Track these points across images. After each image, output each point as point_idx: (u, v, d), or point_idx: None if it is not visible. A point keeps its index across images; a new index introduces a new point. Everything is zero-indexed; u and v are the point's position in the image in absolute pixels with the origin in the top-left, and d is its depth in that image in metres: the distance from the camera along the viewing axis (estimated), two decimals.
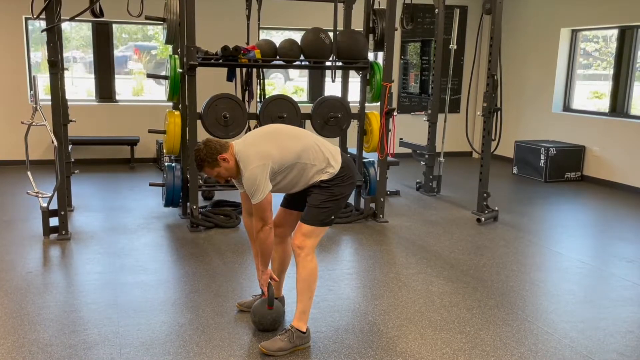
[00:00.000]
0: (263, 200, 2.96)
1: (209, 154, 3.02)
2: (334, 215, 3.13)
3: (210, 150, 3.02)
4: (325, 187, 3.08)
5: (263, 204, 2.96)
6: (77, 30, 9.12)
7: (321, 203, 3.07)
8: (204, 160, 3.03)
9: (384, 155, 5.57)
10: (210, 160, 3.02)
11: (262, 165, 2.94)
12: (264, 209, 2.98)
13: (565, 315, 3.64)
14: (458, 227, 5.58)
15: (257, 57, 5.34)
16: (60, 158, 4.83)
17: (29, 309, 3.52)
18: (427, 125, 6.95)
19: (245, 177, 2.96)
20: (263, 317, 3.28)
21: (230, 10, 7.20)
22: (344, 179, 3.11)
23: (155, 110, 7.86)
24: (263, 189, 2.93)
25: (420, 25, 9.17)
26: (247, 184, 2.96)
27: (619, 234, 5.56)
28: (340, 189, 3.10)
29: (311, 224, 3.06)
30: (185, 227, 5.35)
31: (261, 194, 2.93)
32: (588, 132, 7.94)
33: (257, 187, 2.93)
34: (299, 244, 3.05)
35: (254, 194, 2.94)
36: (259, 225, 3.03)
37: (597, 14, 7.73)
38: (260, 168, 2.94)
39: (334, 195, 3.08)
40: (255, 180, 2.93)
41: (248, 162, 2.97)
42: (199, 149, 3.05)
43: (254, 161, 2.95)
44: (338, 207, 3.14)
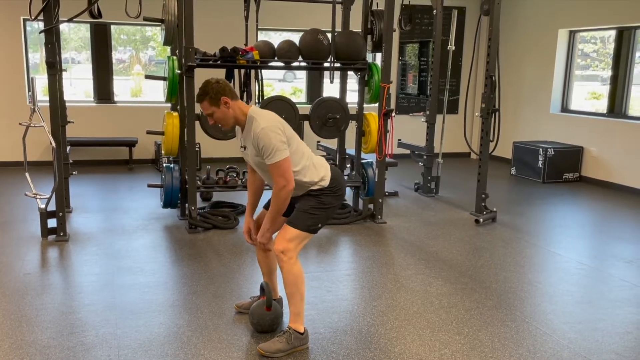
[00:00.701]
0: (283, 161, 2.89)
1: (217, 90, 2.98)
2: (320, 224, 3.11)
3: (220, 88, 2.99)
4: (314, 195, 3.08)
5: (283, 164, 2.90)
6: (75, 32, 9.11)
7: (310, 208, 3.06)
8: (208, 93, 2.99)
9: (383, 156, 5.57)
10: (213, 96, 2.98)
11: (278, 127, 2.91)
12: (285, 169, 2.91)
13: (563, 316, 3.64)
14: (456, 228, 5.58)
15: (255, 58, 5.34)
16: (58, 159, 4.83)
17: (27, 311, 3.51)
18: (425, 126, 6.96)
19: (263, 132, 2.87)
20: (261, 318, 3.28)
21: (228, 11, 7.20)
22: (333, 190, 3.11)
23: (154, 112, 7.86)
24: (283, 149, 2.88)
25: (418, 26, 9.18)
26: (266, 141, 2.86)
27: (617, 234, 5.56)
28: (330, 199, 3.10)
29: (298, 228, 3.03)
30: (183, 228, 5.34)
31: (283, 152, 2.88)
32: (586, 133, 7.96)
33: (277, 146, 2.86)
34: (282, 248, 3.01)
35: (273, 153, 2.87)
36: (281, 183, 2.93)
37: (594, 15, 7.74)
38: (277, 129, 2.90)
39: (323, 204, 3.08)
40: (274, 138, 2.86)
41: (265, 119, 2.93)
42: (210, 82, 3.01)
43: (273, 121, 2.93)
44: (326, 216, 3.13)
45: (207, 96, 2.99)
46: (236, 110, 3.01)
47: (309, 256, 4.64)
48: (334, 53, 5.55)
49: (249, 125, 2.98)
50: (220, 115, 3.01)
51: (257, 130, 2.90)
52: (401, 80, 9.50)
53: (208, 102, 3.00)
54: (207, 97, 2.99)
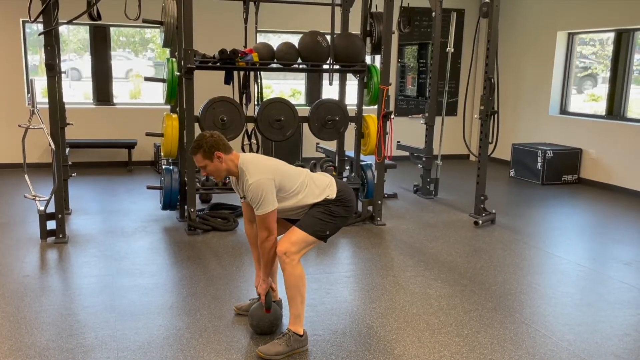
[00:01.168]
0: (268, 214, 3.00)
1: (211, 145, 3.06)
2: (329, 231, 3.14)
3: (214, 142, 3.06)
4: (322, 204, 3.13)
5: (269, 215, 3.01)
6: (74, 33, 9.12)
7: (319, 214, 3.11)
8: (202, 147, 3.07)
9: (382, 158, 5.58)
10: (207, 151, 3.06)
11: (269, 179, 2.99)
12: (270, 220, 3.03)
13: (562, 318, 3.64)
14: (455, 230, 5.59)
15: (254, 60, 5.34)
16: (57, 161, 4.83)
17: (26, 313, 3.51)
18: (424, 128, 6.96)
19: (252, 187, 2.98)
20: (261, 320, 3.29)
21: (227, 13, 7.21)
22: (341, 201, 3.15)
23: (153, 113, 7.86)
24: (270, 202, 2.99)
25: (417, 28, 9.19)
26: (254, 194, 2.98)
27: (616, 236, 5.57)
28: (338, 209, 3.14)
29: (305, 230, 3.07)
30: (182, 230, 5.34)
31: (268, 206, 2.98)
32: (585, 135, 7.97)
33: (264, 199, 2.97)
34: (285, 250, 3.04)
35: (260, 205, 2.98)
36: (264, 235, 3.06)
37: (593, 18, 7.76)
38: (267, 181, 2.99)
39: (331, 212, 3.12)
40: (262, 191, 2.96)
41: (255, 171, 3.01)
42: (205, 136, 3.09)
43: (262, 173, 3.00)
44: (334, 226, 3.16)
45: (200, 149, 3.08)
46: (229, 163, 3.09)
47: (308, 258, 4.64)
48: (333, 55, 5.56)
49: (242, 176, 3.08)
50: (212, 169, 3.11)
51: (247, 184, 3.01)
52: (400, 82, 9.51)
53: (201, 156, 3.09)
54: (201, 150, 3.08)
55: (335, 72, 5.74)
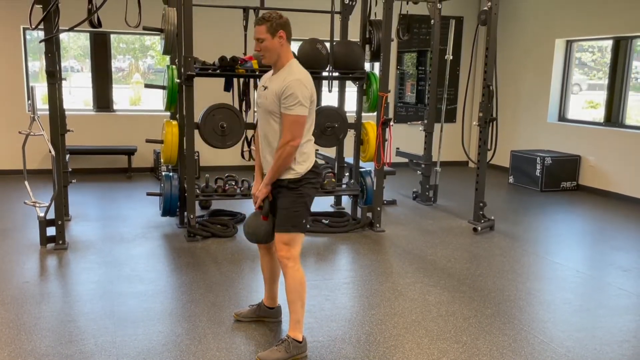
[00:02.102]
0: (299, 117, 2.92)
1: (280, 23, 2.98)
2: (304, 219, 3.11)
3: (283, 22, 3.00)
4: (293, 187, 3.07)
5: (299, 119, 2.93)
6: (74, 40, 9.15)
7: (291, 205, 3.07)
8: (271, 20, 2.97)
9: (381, 165, 5.59)
10: (275, 25, 2.97)
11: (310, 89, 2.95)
12: (298, 124, 2.94)
13: (561, 325, 3.65)
14: (454, 237, 5.60)
15: (254, 67, 5.37)
16: (57, 168, 4.84)
17: (26, 319, 3.51)
18: (423, 135, 6.99)
19: (295, 82, 2.90)
20: (257, 227, 3.20)
21: (227, 21, 7.24)
22: (310, 180, 3.10)
23: (153, 120, 7.88)
24: (304, 106, 2.92)
25: (416, 35, 9.23)
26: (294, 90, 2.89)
27: (614, 243, 5.58)
28: (307, 190, 3.10)
29: (288, 231, 3.06)
30: (182, 236, 5.35)
31: (303, 109, 2.92)
32: (583, 142, 7.99)
33: (302, 100, 2.90)
34: (284, 254, 3.05)
35: (296, 105, 2.90)
36: (287, 138, 2.95)
37: (591, 25, 7.79)
38: (308, 90, 2.94)
39: (301, 196, 3.07)
40: (302, 92, 2.90)
41: (303, 74, 2.96)
42: (278, 13, 3.01)
43: (308, 81, 2.96)
44: (307, 209, 3.12)
45: (268, 22, 2.98)
46: (285, 50, 3.01)
47: (308, 264, 4.65)
48: (332, 62, 5.58)
49: (285, 71, 3.00)
50: (269, 45, 3.00)
51: (292, 78, 2.93)
52: (399, 89, 9.54)
53: (266, 28, 2.98)
54: (268, 23, 2.98)
55: (334, 79, 5.77)
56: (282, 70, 3.02)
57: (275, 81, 3.01)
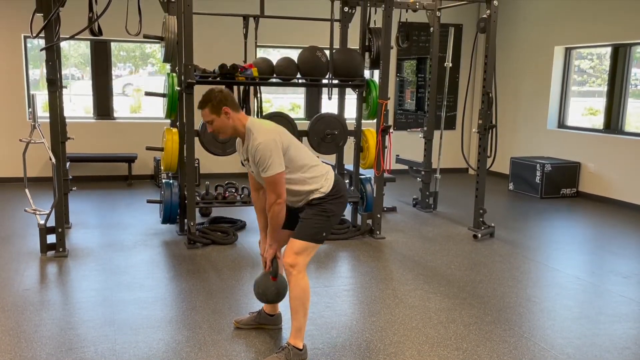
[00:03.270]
0: (277, 175, 2.95)
1: (220, 99, 3.03)
2: (325, 232, 3.13)
3: (223, 97, 3.03)
4: (316, 204, 3.11)
5: (277, 178, 2.96)
6: (75, 48, 9.18)
7: (313, 217, 3.10)
8: (211, 100, 3.03)
9: (381, 172, 5.60)
10: (216, 104, 3.02)
11: (276, 141, 2.95)
12: (277, 183, 2.97)
13: (561, 332, 3.65)
14: (454, 243, 5.60)
15: (254, 75, 5.39)
16: (58, 175, 4.84)
17: (26, 327, 3.51)
18: (423, 142, 7.00)
19: (260, 147, 2.93)
20: (267, 288, 3.26)
21: (227, 28, 7.27)
22: (335, 197, 3.13)
23: (153, 128, 7.89)
24: (278, 163, 2.94)
25: (415, 43, 9.26)
26: (262, 154, 2.92)
27: (614, 249, 5.58)
28: (332, 207, 3.13)
29: (303, 239, 3.07)
30: (182, 243, 5.35)
31: (276, 167, 2.94)
32: (583, 149, 8.00)
33: (272, 160, 2.92)
34: (291, 262, 3.05)
35: (268, 167, 2.93)
36: (272, 199, 3.00)
37: (590, 32, 7.82)
38: (275, 143, 2.95)
39: (325, 212, 3.11)
40: (270, 151, 2.92)
41: (263, 132, 2.97)
42: (214, 90, 3.06)
43: (270, 134, 2.97)
44: (329, 225, 3.15)
45: (209, 104, 3.04)
46: (236, 122, 3.05)
47: (308, 271, 4.61)
48: (332, 70, 5.60)
49: (248, 137, 3.03)
50: (219, 124, 3.06)
51: (255, 144, 2.96)
52: (399, 97, 9.56)
53: (209, 110, 3.04)
54: (209, 104, 3.04)
55: (334, 87, 5.78)
56: (246, 137, 3.07)
57: (248, 150, 3.06)
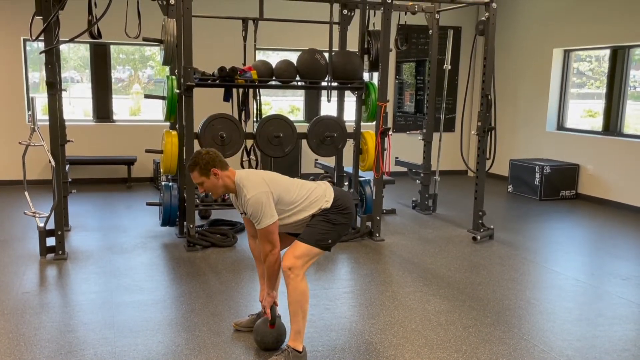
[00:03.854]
0: (270, 226, 3.02)
1: (207, 161, 3.10)
2: (331, 240, 3.14)
3: (210, 159, 3.10)
4: (321, 214, 3.15)
5: (270, 229, 3.03)
6: (74, 51, 9.18)
7: (319, 223, 3.13)
8: (198, 164, 3.11)
9: (380, 174, 5.61)
10: (203, 167, 3.10)
11: (266, 193, 3.02)
12: (270, 233, 3.05)
13: (561, 334, 3.65)
14: (454, 246, 5.60)
15: (253, 77, 5.39)
16: (57, 178, 4.85)
17: (25, 330, 3.51)
18: (422, 144, 7.01)
19: (250, 202, 3.01)
20: (265, 335, 3.29)
21: (227, 31, 7.28)
22: (339, 208, 3.16)
23: (153, 130, 7.90)
24: (270, 215, 3.01)
25: (414, 45, 9.28)
26: (253, 209, 3.01)
27: (613, 251, 5.58)
28: (337, 217, 3.15)
29: (307, 242, 3.08)
30: (182, 246, 5.35)
31: (268, 219, 3.01)
32: (582, 151, 8.01)
33: (264, 212, 3.00)
34: (289, 264, 3.05)
35: (261, 219, 3.01)
36: (267, 249, 3.09)
37: (589, 35, 7.84)
38: (265, 195, 3.01)
39: (330, 221, 3.14)
40: (261, 205, 2.99)
41: (252, 186, 3.04)
42: (201, 153, 3.15)
43: (259, 187, 3.03)
44: (336, 233, 3.17)
45: (197, 167, 3.12)
46: (225, 180, 3.13)
47: (307, 274, 4.63)
48: (331, 72, 5.61)
49: (240, 192, 3.11)
50: (209, 185, 3.14)
51: (246, 200, 3.04)
52: (398, 99, 9.57)
53: (198, 173, 3.12)
54: (197, 167, 3.12)
55: (333, 89, 5.79)
56: (237, 192, 3.13)
57: (243, 204, 3.11)
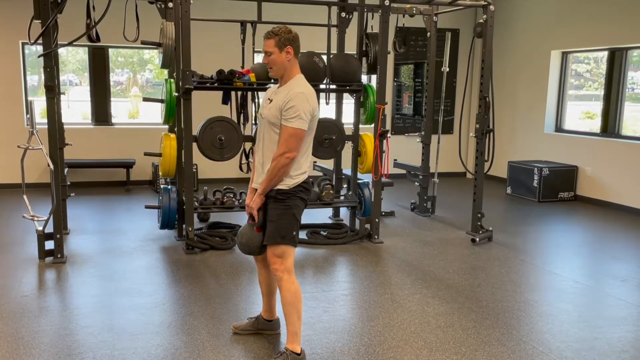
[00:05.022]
0: (298, 129, 2.96)
1: (288, 38, 3.03)
2: (294, 231, 3.10)
3: (292, 37, 3.04)
4: (280, 199, 3.08)
5: (297, 132, 2.96)
6: (73, 54, 9.19)
7: (277, 218, 3.07)
8: (279, 34, 3.02)
9: (379, 176, 5.61)
10: (282, 40, 3.02)
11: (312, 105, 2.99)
12: (295, 138, 2.97)
13: (560, 335, 3.65)
14: (453, 248, 5.60)
15: (251, 80, 5.40)
16: (56, 181, 4.85)
17: (24, 333, 3.51)
18: (420, 146, 7.01)
19: (300, 95, 2.95)
20: (250, 239, 3.18)
21: (225, 34, 7.29)
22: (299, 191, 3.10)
23: (151, 133, 7.90)
24: (305, 121, 2.95)
25: (412, 48, 9.29)
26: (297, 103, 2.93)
27: (612, 253, 5.59)
28: (295, 201, 3.10)
29: (274, 243, 3.06)
30: (180, 249, 5.35)
31: (302, 123, 2.95)
32: (580, 153, 8.02)
33: (302, 114, 2.94)
34: (277, 267, 3.06)
35: (295, 117, 2.93)
36: (283, 149, 2.98)
37: (586, 37, 7.85)
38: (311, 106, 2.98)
39: (287, 207, 3.07)
40: (303, 106, 2.94)
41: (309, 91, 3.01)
42: (287, 28, 3.06)
43: (312, 97, 3.00)
44: (295, 221, 3.11)
45: (276, 37, 3.03)
46: (292, 65, 3.06)
47: (306, 276, 4.66)
48: (329, 75, 5.62)
49: (290, 84, 3.05)
50: (276, 59, 3.05)
51: (296, 90, 2.98)
52: (396, 101, 9.58)
53: (274, 42, 3.03)
54: (277, 37, 3.03)
55: (331, 92, 5.80)
56: (287, 84, 3.07)
57: (280, 94, 3.06)
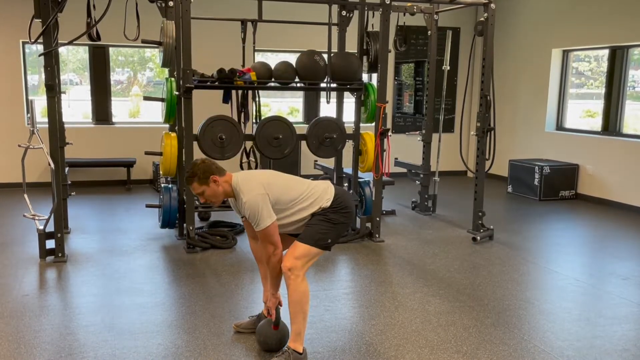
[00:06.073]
0: (268, 227, 3.02)
1: (205, 170, 3.10)
2: (330, 239, 3.14)
3: (206, 168, 3.10)
4: (320, 213, 3.15)
5: (270, 229, 3.03)
6: (73, 54, 9.19)
7: (318, 223, 3.12)
8: (196, 174, 3.10)
9: (379, 175, 5.61)
10: (202, 177, 3.10)
11: (262, 195, 3.02)
12: (271, 234, 3.05)
13: (561, 334, 3.65)
14: (454, 246, 5.60)
15: (252, 79, 5.39)
16: (57, 180, 4.85)
17: (25, 332, 3.51)
18: (421, 145, 7.01)
19: (247, 204, 3.01)
20: (268, 337, 3.28)
21: (225, 33, 7.28)
22: (338, 208, 3.16)
23: (152, 132, 7.90)
24: (267, 216, 3.00)
25: (413, 46, 9.28)
26: (250, 211, 3.01)
27: (613, 251, 5.58)
28: (336, 216, 3.15)
29: (307, 243, 3.09)
30: (181, 248, 5.35)
31: (266, 220, 3.00)
32: (581, 151, 8.01)
33: (261, 214, 2.99)
34: (290, 265, 3.06)
35: (259, 221, 3.00)
36: (270, 250, 3.10)
37: (587, 35, 7.84)
38: (261, 196, 3.01)
39: (329, 220, 3.13)
40: (257, 207, 2.99)
41: (248, 189, 3.04)
42: (197, 163, 3.14)
43: (255, 190, 3.03)
44: (335, 232, 3.16)
45: (195, 177, 3.12)
46: (224, 186, 3.13)
47: (307, 275, 4.63)
48: (330, 74, 5.61)
49: (237, 195, 3.10)
50: (210, 193, 3.13)
51: (243, 203, 3.04)
52: (397, 100, 9.57)
53: (197, 183, 3.12)
54: (196, 178, 3.12)
55: (332, 91, 5.79)
56: (235, 195, 3.13)
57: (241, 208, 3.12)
